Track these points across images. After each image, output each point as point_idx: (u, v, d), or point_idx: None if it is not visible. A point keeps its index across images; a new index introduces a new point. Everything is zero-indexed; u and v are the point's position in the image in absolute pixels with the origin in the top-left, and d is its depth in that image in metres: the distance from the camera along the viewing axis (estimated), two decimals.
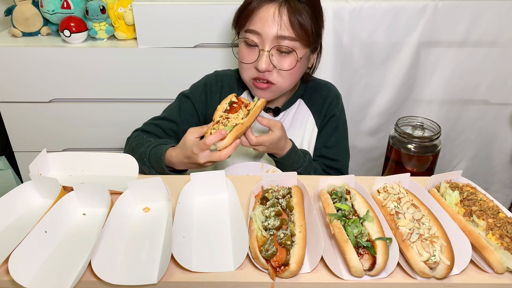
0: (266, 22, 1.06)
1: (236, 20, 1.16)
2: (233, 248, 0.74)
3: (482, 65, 1.58)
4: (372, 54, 1.56)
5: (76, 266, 0.69)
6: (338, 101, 1.29)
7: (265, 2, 1.07)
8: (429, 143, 1.22)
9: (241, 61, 1.14)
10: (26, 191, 0.85)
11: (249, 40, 1.10)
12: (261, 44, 1.09)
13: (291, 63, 1.10)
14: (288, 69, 1.10)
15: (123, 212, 0.80)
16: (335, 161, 1.27)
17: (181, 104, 1.25)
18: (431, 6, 1.47)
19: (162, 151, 1.07)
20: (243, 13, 1.11)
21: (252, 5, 1.09)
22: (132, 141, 1.18)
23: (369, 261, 0.68)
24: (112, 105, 1.66)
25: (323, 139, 1.28)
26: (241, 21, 1.12)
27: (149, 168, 1.09)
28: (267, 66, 1.08)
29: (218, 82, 1.27)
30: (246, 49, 1.12)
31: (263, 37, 1.07)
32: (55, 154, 0.95)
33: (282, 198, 0.81)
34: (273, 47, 1.08)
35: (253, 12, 1.08)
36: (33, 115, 1.66)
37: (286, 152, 1.10)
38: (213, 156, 0.98)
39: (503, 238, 0.71)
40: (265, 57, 1.08)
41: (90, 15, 1.54)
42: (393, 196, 0.80)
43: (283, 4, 1.06)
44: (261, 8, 1.07)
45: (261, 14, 1.07)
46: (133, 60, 1.56)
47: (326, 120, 1.27)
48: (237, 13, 1.15)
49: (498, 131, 1.73)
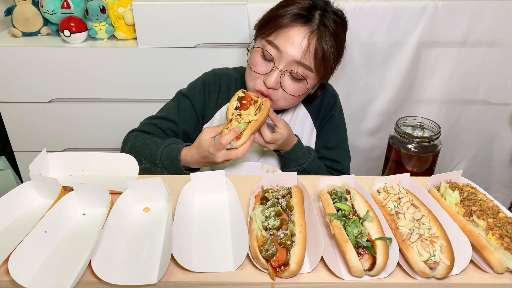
0: (292, 44, 1.03)
1: (261, 25, 1.11)
2: (233, 248, 0.74)
3: (482, 65, 1.58)
4: (372, 54, 1.56)
5: (76, 266, 0.69)
6: (335, 101, 1.28)
7: (298, 23, 1.03)
8: (429, 143, 1.22)
9: (251, 68, 1.11)
10: (26, 191, 0.85)
11: (266, 52, 1.06)
12: (277, 61, 1.05)
13: (299, 90, 1.08)
14: (294, 95, 1.09)
15: (123, 212, 0.80)
16: (337, 162, 1.26)
17: (180, 103, 1.23)
18: (431, 6, 1.47)
19: (176, 152, 1.05)
20: (272, 23, 1.06)
21: (283, 20, 1.04)
22: (132, 142, 1.14)
23: (369, 261, 0.68)
24: (112, 105, 1.66)
25: (324, 140, 1.27)
26: (267, 29, 1.07)
27: (161, 169, 1.07)
28: (275, 85, 1.06)
29: (216, 82, 1.25)
30: (260, 60, 1.08)
31: (282, 56, 1.04)
32: (55, 154, 0.95)
33: (282, 198, 0.81)
34: (287, 70, 1.06)
35: (282, 27, 1.04)
36: (33, 115, 1.66)
37: (292, 147, 1.09)
38: (231, 155, 0.97)
39: (503, 238, 0.71)
40: (276, 75, 1.05)
41: (90, 15, 1.54)
42: (393, 196, 0.80)
43: (315, 32, 1.03)
44: (292, 28, 1.03)
45: (290, 33, 1.03)
46: (133, 60, 1.56)
47: (325, 121, 1.26)
48: (265, 19, 1.10)
49: (498, 131, 1.73)
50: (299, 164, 1.12)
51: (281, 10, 1.06)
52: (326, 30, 1.04)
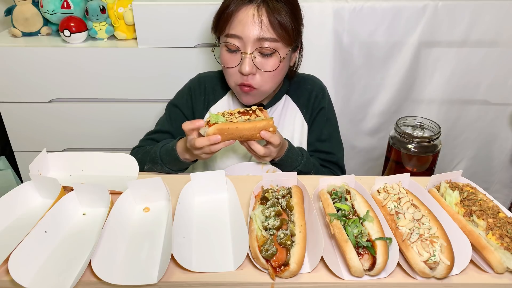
0: (246, 24, 1.04)
1: (215, 24, 1.14)
2: (233, 248, 0.74)
3: (482, 65, 1.58)
4: (372, 54, 1.56)
5: (76, 266, 0.69)
6: (324, 93, 1.29)
7: (243, 4, 1.05)
8: (429, 143, 1.22)
9: (224, 66, 1.13)
10: (26, 191, 0.85)
11: (230, 45, 1.08)
12: (243, 48, 1.07)
13: (274, 64, 1.09)
14: (271, 71, 1.10)
15: (123, 212, 0.80)
16: (331, 154, 1.27)
17: (170, 114, 1.27)
18: (431, 6, 1.47)
19: (172, 144, 1.09)
20: (222, 17, 1.09)
21: (230, 9, 1.06)
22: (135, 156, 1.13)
23: (369, 261, 0.68)
24: (112, 105, 1.66)
25: (316, 133, 1.28)
26: (221, 26, 1.10)
27: (161, 165, 1.10)
28: (250, 69, 1.07)
29: (201, 85, 1.28)
30: (228, 54, 1.10)
31: (244, 40, 1.06)
32: (55, 154, 0.95)
33: (282, 198, 0.81)
34: (255, 49, 1.07)
35: (231, 16, 1.06)
36: (33, 115, 1.66)
37: (284, 153, 1.10)
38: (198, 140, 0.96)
39: (503, 238, 0.71)
40: (247, 60, 1.07)
41: (90, 15, 1.54)
42: (393, 196, 0.80)
43: (261, 5, 1.04)
44: (239, 11, 1.05)
45: (240, 17, 1.05)
46: (133, 60, 1.56)
47: (315, 114, 1.27)
48: (216, 17, 1.13)
49: (498, 131, 1.73)
50: (294, 167, 1.12)
51: (225, 2, 1.09)
52: None
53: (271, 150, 1.03)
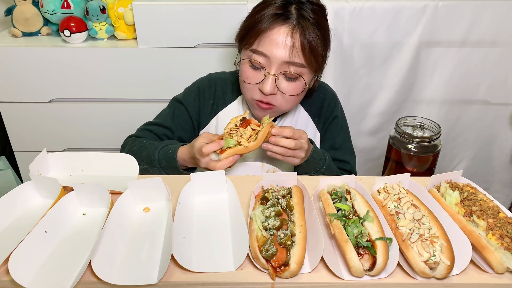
0: (277, 46, 1.00)
1: (241, 36, 1.09)
2: (233, 248, 0.74)
3: (482, 65, 1.58)
4: (372, 54, 1.56)
5: (76, 266, 0.69)
6: (336, 101, 1.27)
7: (277, 23, 1.00)
8: (429, 143, 1.22)
9: (244, 81, 1.08)
10: (26, 191, 0.85)
11: (255, 61, 1.04)
12: (268, 67, 1.03)
13: (297, 89, 1.06)
14: (293, 95, 1.07)
15: (123, 212, 0.80)
16: (345, 162, 1.25)
17: (174, 110, 1.23)
18: (431, 6, 1.47)
19: (173, 151, 1.06)
20: (252, 31, 1.03)
21: (262, 25, 1.01)
22: (130, 146, 1.16)
23: (369, 261, 0.68)
24: (112, 105, 1.66)
25: (329, 142, 1.25)
26: (248, 39, 1.05)
27: (158, 169, 1.08)
28: (272, 90, 1.04)
29: (212, 87, 1.24)
30: (250, 70, 1.06)
31: (271, 60, 1.02)
32: (55, 154, 0.95)
33: (282, 198, 0.81)
34: (280, 72, 1.03)
35: (263, 33, 1.01)
36: (33, 115, 1.66)
37: (311, 152, 1.06)
38: (210, 165, 0.97)
39: (503, 238, 0.71)
40: (270, 81, 1.03)
41: (90, 15, 1.54)
42: (393, 196, 0.80)
43: (296, 28, 1.00)
44: (273, 30, 1.00)
45: (272, 36, 1.00)
46: (133, 60, 1.56)
47: (328, 123, 1.25)
48: (244, 28, 1.08)
49: (498, 131, 1.73)
50: (317, 169, 1.09)
51: (257, 15, 1.04)
52: (307, 22, 1.01)
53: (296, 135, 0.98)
